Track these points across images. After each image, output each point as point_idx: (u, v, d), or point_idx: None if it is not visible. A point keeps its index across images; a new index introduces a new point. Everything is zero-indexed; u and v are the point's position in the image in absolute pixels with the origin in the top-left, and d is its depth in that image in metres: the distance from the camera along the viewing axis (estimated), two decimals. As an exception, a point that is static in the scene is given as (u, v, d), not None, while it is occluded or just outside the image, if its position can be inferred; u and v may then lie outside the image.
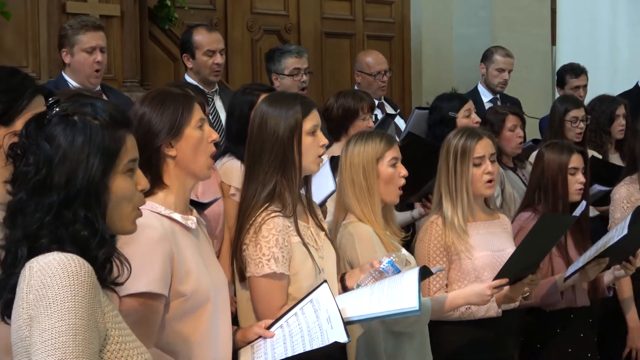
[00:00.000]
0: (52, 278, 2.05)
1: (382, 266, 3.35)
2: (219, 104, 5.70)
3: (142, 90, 6.02)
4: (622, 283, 4.84)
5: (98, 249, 2.16)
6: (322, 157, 3.42)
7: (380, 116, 6.42)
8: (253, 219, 3.25)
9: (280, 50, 6.18)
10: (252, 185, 3.32)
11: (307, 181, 3.45)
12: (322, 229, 3.47)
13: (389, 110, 6.75)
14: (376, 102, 6.66)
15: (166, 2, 6.81)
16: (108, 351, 2.13)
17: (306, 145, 3.32)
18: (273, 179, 3.29)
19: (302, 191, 3.44)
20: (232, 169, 4.69)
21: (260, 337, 3.02)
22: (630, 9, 9.34)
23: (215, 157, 4.73)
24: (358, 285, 3.37)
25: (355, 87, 6.78)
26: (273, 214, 3.24)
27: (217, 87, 5.79)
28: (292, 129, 3.30)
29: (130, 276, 2.30)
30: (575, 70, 7.39)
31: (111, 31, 5.96)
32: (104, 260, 2.19)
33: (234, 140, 4.72)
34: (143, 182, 2.31)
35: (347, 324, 3.06)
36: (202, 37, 5.73)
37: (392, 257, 3.39)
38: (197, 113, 2.94)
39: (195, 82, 5.62)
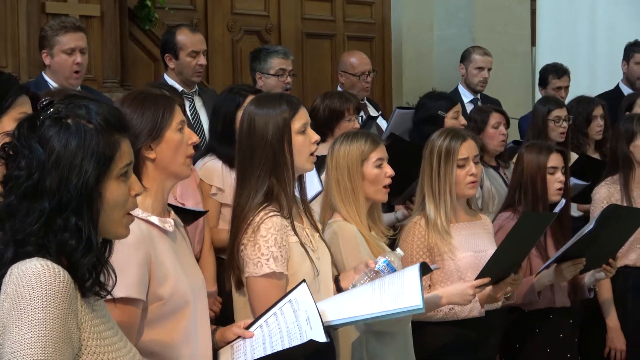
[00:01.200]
0: (24, 288, 2.01)
1: (377, 266, 3.33)
2: (199, 104, 5.69)
3: (123, 91, 6.00)
4: (602, 285, 4.87)
5: (83, 257, 2.11)
6: (315, 154, 3.40)
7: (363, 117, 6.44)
8: (251, 218, 3.23)
9: (266, 50, 6.19)
10: (245, 191, 3.30)
11: (301, 182, 3.44)
12: (317, 229, 3.47)
13: (371, 111, 6.76)
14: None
15: (146, 3, 6.79)
16: None
17: (297, 144, 3.31)
18: (266, 183, 3.27)
19: (297, 193, 3.43)
20: (214, 169, 4.69)
21: (239, 337, 3.01)
22: (609, 10, 9.38)
23: (197, 157, 4.74)
24: (354, 286, 3.34)
25: (339, 88, 6.79)
26: (271, 213, 3.23)
27: (196, 87, 5.78)
28: (281, 130, 3.28)
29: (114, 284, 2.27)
30: (558, 71, 7.43)
31: (91, 31, 5.93)
32: (89, 269, 2.15)
33: (218, 139, 4.72)
34: (137, 186, 2.25)
35: (350, 324, 3.06)
36: (186, 38, 5.72)
37: (387, 257, 3.38)
38: (178, 115, 2.92)
39: (175, 83, 5.61)
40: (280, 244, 3.21)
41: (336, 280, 3.53)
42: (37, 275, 2.02)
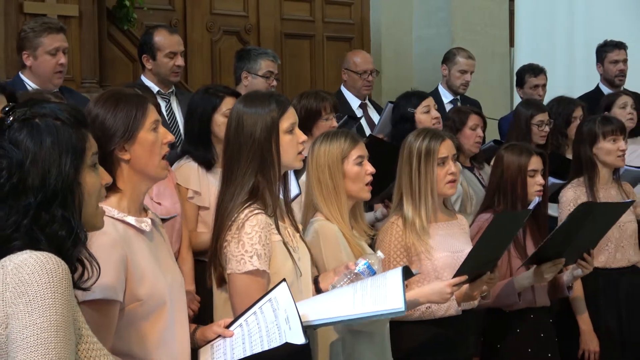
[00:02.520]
0: (30, 275, 2.05)
1: (357, 268, 3.34)
2: (174, 105, 5.68)
3: (101, 91, 5.97)
4: (573, 287, 4.87)
5: (73, 248, 2.18)
6: (303, 152, 3.40)
7: (360, 115, 6.49)
8: (235, 215, 3.23)
9: (256, 51, 6.24)
10: (230, 188, 3.30)
11: (285, 182, 3.43)
12: (298, 230, 3.47)
13: (371, 111, 6.81)
14: (359, 102, 6.73)
15: (125, 3, 6.76)
16: (79, 350, 2.14)
17: (285, 144, 3.31)
18: (251, 180, 3.27)
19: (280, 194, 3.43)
20: (190, 172, 4.67)
21: (220, 336, 3.01)
22: (587, 11, 9.42)
23: (173, 159, 4.73)
24: (333, 287, 3.35)
25: (342, 86, 6.93)
26: (256, 211, 3.23)
27: (173, 88, 5.77)
28: (269, 129, 3.29)
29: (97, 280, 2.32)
30: (534, 70, 7.49)
31: (69, 32, 5.90)
32: (76, 261, 2.21)
33: (194, 141, 4.70)
34: (106, 176, 2.36)
35: (331, 324, 3.07)
36: (164, 39, 5.72)
37: (367, 259, 3.38)
38: (152, 115, 2.90)
39: (152, 83, 5.61)
40: (264, 242, 3.21)
41: (315, 281, 3.54)
42: (41, 264, 2.06)
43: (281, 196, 3.41)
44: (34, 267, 2.06)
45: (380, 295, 3.07)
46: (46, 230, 2.14)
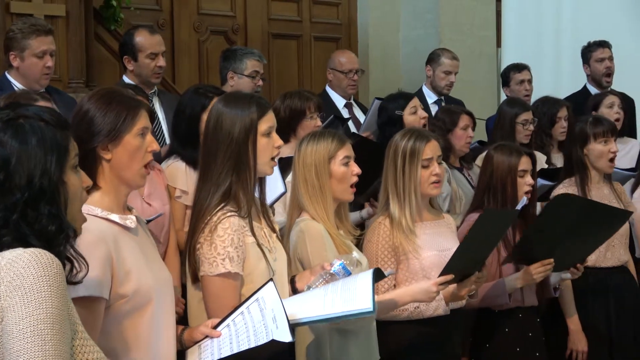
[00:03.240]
0: (26, 269, 2.07)
1: (333, 268, 3.36)
2: (157, 106, 5.68)
3: (88, 91, 5.93)
4: (563, 287, 4.88)
5: (63, 243, 2.21)
6: (276, 159, 3.41)
7: (347, 115, 6.50)
8: (208, 217, 3.24)
9: (242, 50, 6.25)
10: (207, 186, 3.31)
11: (261, 183, 3.45)
12: (274, 230, 3.48)
13: (357, 111, 6.82)
14: (344, 101, 6.74)
15: (112, 3, 6.75)
16: (74, 346, 2.15)
17: (261, 147, 3.32)
18: (227, 180, 3.28)
19: (256, 193, 3.43)
20: (177, 171, 4.66)
21: (207, 336, 3.01)
22: (574, 11, 9.44)
23: (162, 159, 4.72)
24: (309, 287, 3.36)
25: (327, 85, 6.94)
26: (229, 214, 3.23)
27: (155, 88, 5.76)
28: (248, 130, 3.30)
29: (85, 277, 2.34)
30: (517, 66, 7.51)
31: (56, 32, 5.88)
32: (65, 257, 2.23)
33: (182, 140, 4.69)
34: (86, 179, 2.39)
35: (300, 324, 3.07)
36: (145, 40, 5.71)
37: (343, 260, 3.39)
38: (142, 121, 2.90)
39: (133, 84, 5.59)
40: (237, 244, 3.22)
41: (292, 281, 3.55)
42: (35, 258, 2.09)
43: (257, 196, 3.43)
44: (28, 261, 2.08)
45: (350, 296, 3.09)
46: (35, 227, 2.17)
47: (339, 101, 6.82)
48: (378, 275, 3.29)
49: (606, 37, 7.80)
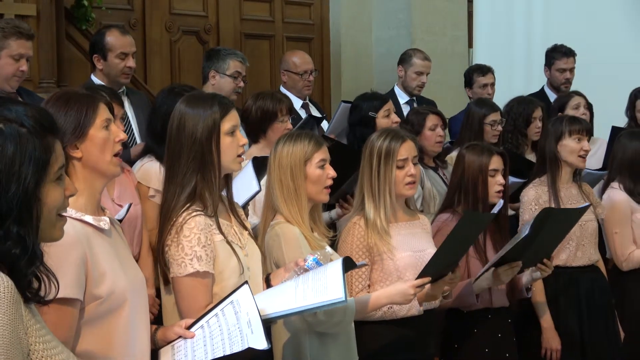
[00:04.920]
0: None
1: (306, 264, 3.36)
2: (126, 105, 5.65)
3: (59, 91, 5.92)
4: (535, 286, 4.90)
5: (27, 267, 2.06)
6: (243, 156, 3.42)
7: (304, 117, 6.47)
8: (174, 219, 3.25)
9: (226, 51, 6.25)
10: (172, 187, 3.32)
11: (227, 181, 3.45)
12: (245, 227, 3.48)
13: (313, 111, 6.80)
14: (300, 102, 6.73)
15: (83, 2, 6.72)
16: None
17: (225, 146, 3.33)
18: (192, 180, 3.29)
19: (224, 192, 3.43)
20: (151, 171, 4.66)
21: (180, 337, 3.00)
22: (545, 12, 9.50)
23: (134, 159, 4.70)
24: None
25: (281, 87, 6.88)
26: (194, 213, 3.24)
27: (124, 88, 5.74)
28: (210, 130, 3.31)
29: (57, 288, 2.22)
30: (482, 69, 7.54)
31: (27, 31, 5.85)
32: (32, 276, 2.09)
33: (157, 139, 4.69)
34: (71, 187, 2.23)
35: (273, 319, 3.07)
36: (115, 39, 5.68)
37: (316, 255, 3.40)
38: (103, 113, 2.92)
39: (102, 83, 5.57)
40: (204, 244, 3.23)
41: (267, 279, 3.55)
42: None
43: (225, 194, 3.43)
44: None
45: (320, 286, 3.10)
46: None
47: (296, 102, 6.74)
48: (349, 265, 3.30)
49: (576, 37, 7.85)
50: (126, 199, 4.43)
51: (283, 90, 6.83)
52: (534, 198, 5.12)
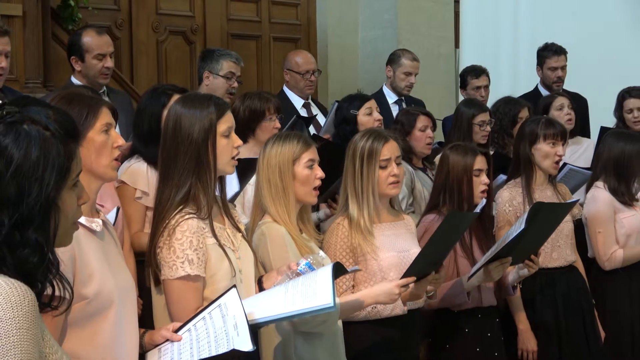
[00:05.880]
0: None
1: (299, 268, 3.37)
2: (107, 105, 5.64)
3: (45, 92, 5.91)
4: (518, 285, 4.92)
5: (45, 276, 2.01)
6: (236, 158, 3.41)
7: (305, 115, 6.50)
8: (167, 221, 3.24)
9: (220, 52, 6.28)
10: (167, 188, 3.30)
11: (221, 182, 3.44)
12: (239, 230, 3.47)
13: (315, 111, 6.83)
14: (302, 101, 6.74)
15: (69, 2, 6.70)
16: None
17: (221, 147, 3.32)
18: (188, 181, 3.28)
19: (217, 192, 3.43)
20: (138, 172, 4.64)
21: (167, 340, 3.00)
22: (531, 12, 9.52)
23: (123, 158, 4.68)
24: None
25: (284, 86, 6.94)
26: (187, 216, 3.23)
27: (105, 88, 5.74)
28: (207, 131, 3.29)
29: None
30: (476, 71, 7.56)
31: (13, 31, 5.82)
32: (45, 285, 2.04)
33: (143, 140, 4.68)
34: (85, 195, 2.16)
35: (262, 324, 3.07)
36: (92, 40, 5.67)
37: (309, 259, 3.40)
38: (104, 117, 2.94)
39: (82, 85, 5.55)
40: (196, 247, 3.22)
41: (259, 282, 3.55)
42: (5, 297, 1.88)
43: (219, 194, 3.43)
44: None
45: (310, 292, 3.10)
46: (17, 253, 1.95)
47: (297, 101, 6.82)
48: (339, 270, 3.30)
49: (562, 37, 7.87)
50: (107, 198, 4.41)
51: (286, 89, 6.89)
52: (508, 199, 5.12)
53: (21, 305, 1.89)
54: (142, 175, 4.63)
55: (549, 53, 7.65)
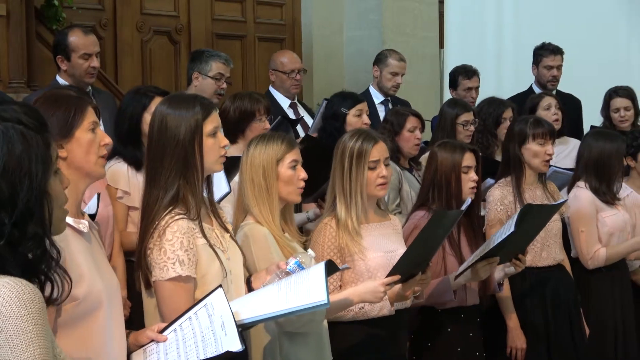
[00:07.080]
0: (7, 307, 1.93)
1: (288, 267, 3.36)
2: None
3: (29, 92, 5.90)
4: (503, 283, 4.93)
5: (48, 267, 2.05)
6: (224, 157, 3.40)
7: (292, 116, 6.50)
8: (157, 222, 3.21)
9: (209, 52, 6.29)
10: (155, 190, 3.28)
11: (208, 183, 3.43)
12: (227, 230, 3.46)
13: (302, 111, 6.82)
14: (289, 102, 6.74)
15: (53, 2, 6.68)
16: None
17: (207, 147, 3.30)
18: (175, 183, 3.25)
19: (205, 193, 3.42)
20: (119, 172, 4.67)
21: (153, 341, 2.99)
22: (516, 12, 9.55)
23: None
24: (265, 287, 3.36)
25: (270, 86, 6.93)
26: (177, 217, 3.21)
27: (90, 88, 5.73)
28: (193, 131, 3.27)
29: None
30: (467, 72, 7.57)
31: (-3, 31, 5.84)
32: (46, 279, 2.08)
33: (124, 140, 4.69)
34: (66, 180, 2.24)
35: (256, 322, 3.07)
36: (78, 40, 5.65)
37: (298, 258, 3.40)
38: (90, 116, 2.95)
39: (67, 84, 5.54)
40: (187, 247, 3.20)
41: (248, 282, 3.54)
42: (17, 295, 1.93)
43: (206, 195, 3.42)
44: (9, 297, 1.93)
45: (303, 290, 3.10)
46: (19, 249, 1.99)
47: (284, 102, 6.83)
48: (331, 268, 3.30)
49: (548, 37, 7.88)
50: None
51: (272, 90, 6.89)
52: (499, 198, 5.14)
53: (33, 302, 1.95)
54: (122, 176, 4.65)
55: (545, 52, 7.67)
